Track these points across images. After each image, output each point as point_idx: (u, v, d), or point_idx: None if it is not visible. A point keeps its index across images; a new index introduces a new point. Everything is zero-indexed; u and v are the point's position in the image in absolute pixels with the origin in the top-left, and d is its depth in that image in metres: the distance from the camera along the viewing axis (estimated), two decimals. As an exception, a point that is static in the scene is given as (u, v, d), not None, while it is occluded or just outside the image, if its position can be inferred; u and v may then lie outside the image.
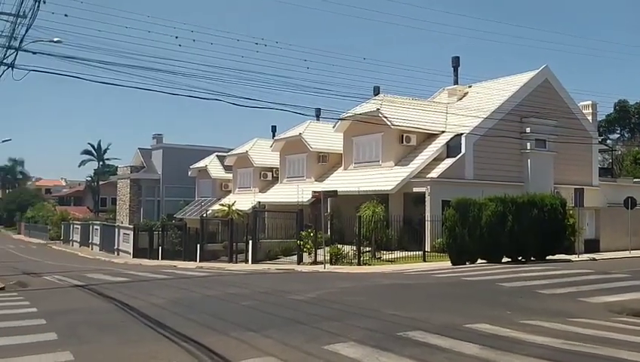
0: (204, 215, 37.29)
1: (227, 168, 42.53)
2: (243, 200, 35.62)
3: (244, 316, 9.50)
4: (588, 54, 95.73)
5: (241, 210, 32.67)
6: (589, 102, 33.22)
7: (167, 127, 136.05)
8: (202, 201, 43.87)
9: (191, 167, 45.69)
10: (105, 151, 72.59)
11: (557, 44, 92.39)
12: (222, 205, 35.63)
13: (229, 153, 42.22)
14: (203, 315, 9.60)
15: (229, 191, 41.86)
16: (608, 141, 57.67)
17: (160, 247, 32.54)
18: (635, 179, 37.38)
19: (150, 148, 54.10)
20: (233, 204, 33.49)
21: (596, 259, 22.55)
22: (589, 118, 32.61)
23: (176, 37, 19.53)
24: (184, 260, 28.83)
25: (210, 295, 12.64)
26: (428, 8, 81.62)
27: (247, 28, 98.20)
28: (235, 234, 27.49)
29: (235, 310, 10.37)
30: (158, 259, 31.26)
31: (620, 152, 50.52)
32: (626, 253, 24.93)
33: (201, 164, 44.95)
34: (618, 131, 62.86)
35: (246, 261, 25.41)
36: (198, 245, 29.12)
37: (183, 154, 49.24)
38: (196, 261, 27.85)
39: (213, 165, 44.00)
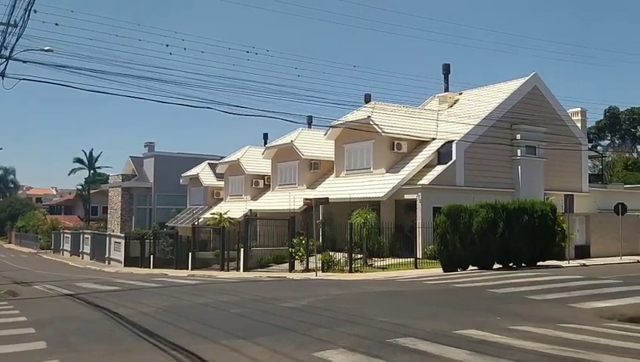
0: (196, 223, 37.18)
1: (219, 176, 42.46)
2: (235, 208, 35.56)
3: (234, 323, 9.48)
4: (578, 61, 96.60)
5: (232, 218, 32.58)
6: (579, 109, 33.49)
7: (159, 135, 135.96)
8: (194, 209, 43.74)
9: (182, 175, 45.59)
10: (96, 159, 72.25)
11: (546, 52, 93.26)
12: (213, 213, 35.54)
13: (220, 161, 42.17)
14: (193, 323, 9.56)
15: (221, 199, 41.77)
16: (599, 147, 58.11)
17: (151, 256, 32.36)
18: (625, 185, 37.64)
19: (142, 156, 53.96)
20: (225, 212, 33.41)
21: (587, 265, 22.66)
22: (579, 124, 32.86)
23: (167, 45, 19.59)
24: (176, 268, 28.69)
25: (201, 303, 12.60)
26: (418, 16, 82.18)
27: (238, 36, 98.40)
28: (227, 242, 27.40)
29: (226, 317, 10.34)
30: (149, 267, 31.09)
31: (610, 158, 50.91)
32: (617, 259, 25.07)
33: (192, 171, 44.86)
34: (608, 137, 63.39)
35: (238, 269, 25.33)
36: (190, 253, 28.99)
37: (175, 162, 49.14)
38: (188, 269, 27.72)
39: (204, 173, 43.92)
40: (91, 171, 72.66)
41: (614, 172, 45.79)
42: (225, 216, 32.69)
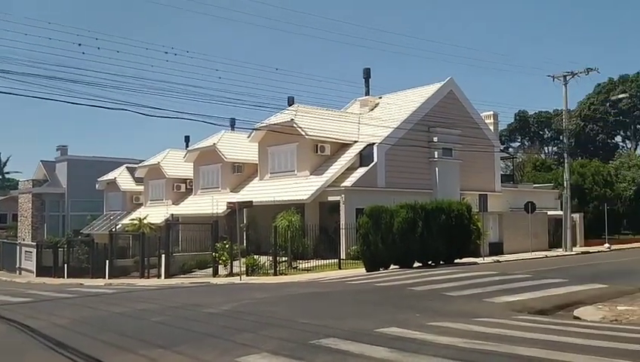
0: (114, 229, 35.84)
1: (138, 180, 41.14)
2: (155, 213, 34.58)
3: (153, 332, 9.19)
4: (491, 67, 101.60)
5: (153, 224, 31.69)
6: (491, 113, 35.16)
7: (73, 138, 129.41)
8: (111, 215, 42.14)
9: (99, 179, 43.77)
10: (5, 164, 68.12)
11: (461, 58, 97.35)
12: (133, 219, 34.42)
13: (140, 164, 40.88)
14: (110, 334, 9.18)
15: (141, 204, 40.52)
16: (510, 149, 61.34)
17: (65, 265, 30.83)
18: (534, 185, 39.93)
19: (54, 160, 51.24)
20: (145, 218, 32.44)
21: (500, 261, 23.83)
22: (491, 127, 34.51)
23: (80, 44, 18.67)
24: (92, 277, 27.49)
25: (119, 312, 12.10)
26: (339, 20, 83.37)
27: (156, 37, 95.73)
28: (147, 248, 26.54)
29: (145, 326, 9.99)
30: (63, 277, 29.59)
31: (520, 160, 53.80)
32: (527, 255, 26.53)
33: (110, 176, 43.17)
34: (519, 140, 67.07)
35: (159, 276, 24.60)
36: (107, 261, 27.86)
37: (90, 166, 47.03)
38: (105, 278, 26.63)
39: (122, 177, 42.40)
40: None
41: (524, 172, 48.39)
42: (145, 222, 31.75)
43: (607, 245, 31.88)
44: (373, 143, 28.02)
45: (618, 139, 64.01)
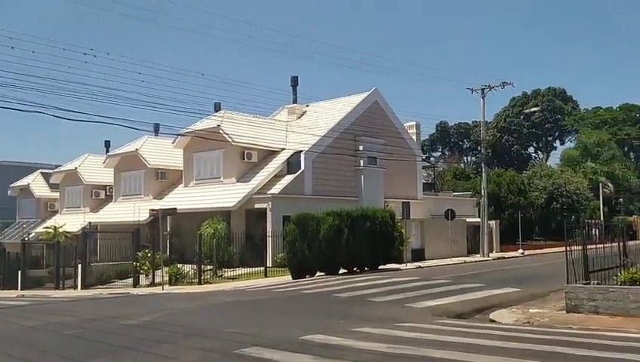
0: (27, 238, 33.92)
1: (54, 186, 39.28)
2: (72, 221, 33.09)
3: (68, 346, 8.74)
4: (415, 79, 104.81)
5: (69, 232, 30.34)
6: (414, 123, 36.26)
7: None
8: (24, 223, 39.95)
9: (11, 185, 41.47)
10: None
11: (386, 69, 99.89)
12: (47, 227, 32.84)
13: (55, 170, 39.07)
14: (20, 348, 8.64)
15: (56, 212, 38.70)
16: (431, 158, 63.47)
17: (-27, 276, 28.76)
18: (454, 193, 41.47)
19: (-40, 165, 47.93)
20: (61, 226, 31.01)
21: (422, 267, 24.51)
22: (414, 137, 35.57)
23: (-9, 42, 17.59)
24: (3, 289, 25.92)
25: (31, 326, 11.42)
26: (267, 28, 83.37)
27: (75, 38, 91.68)
28: (63, 258, 25.29)
29: (59, 340, 9.48)
30: (-31, 289, 27.61)
31: (441, 169, 55.79)
32: (448, 260, 27.46)
33: (23, 182, 40.98)
34: (440, 149, 69.63)
35: (75, 287, 23.48)
36: (20, 271, 26.29)
37: (1, 171, 44.35)
38: (17, 289, 25.14)
39: (37, 183, 40.30)
40: None
41: (445, 181, 50.14)
42: (60, 230, 30.39)
43: (521, 250, 33.57)
44: (301, 151, 28.16)
45: (531, 150, 67.99)
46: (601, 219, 39.69)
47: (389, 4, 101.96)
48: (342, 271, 21.27)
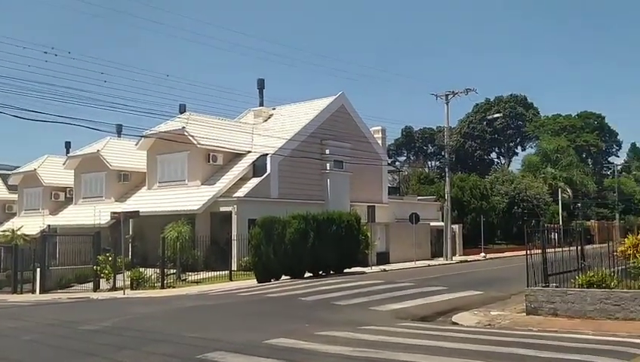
0: (-18, 241, 32.75)
1: (11, 188, 38.18)
2: (31, 224, 32.13)
3: (24, 352, 8.49)
4: (379, 84, 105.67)
5: (28, 235, 29.48)
6: (380, 128, 36.52)
7: None
8: (-20, 226, 38.52)
9: (-34, 186, 39.88)
10: None
11: (352, 73, 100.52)
12: (5, 230, 31.90)
13: (13, 171, 37.93)
14: (-28, 356, 8.35)
15: (14, 214, 37.56)
16: (397, 163, 64.10)
17: None
18: (418, 197, 41.91)
19: None
20: (19, 228, 30.12)
21: (386, 270, 24.72)
22: (380, 141, 35.82)
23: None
24: (-45, 294, 24.91)
25: (-15, 332, 11.06)
26: (232, 30, 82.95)
27: (34, 35, 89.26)
28: (21, 261, 24.57)
29: (15, 346, 9.20)
30: None
31: (406, 173, 56.37)
32: (412, 264, 27.75)
33: (-22, 183, 39.52)
34: (405, 154, 70.40)
35: (33, 291, 22.80)
36: (-26, 276, 25.42)
37: (-45, 172, 42.76)
38: (-29, 294, 24.25)
39: (-6, 185, 39.00)
40: None
41: (410, 185, 50.65)
42: (18, 233, 29.52)
43: (483, 254, 34.19)
44: (267, 154, 28.04)
45: (493, 155, 69.38)
46: (560, 223, 40.71)
47: (355, 10, 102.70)
48: (307, 274, 21.27)
